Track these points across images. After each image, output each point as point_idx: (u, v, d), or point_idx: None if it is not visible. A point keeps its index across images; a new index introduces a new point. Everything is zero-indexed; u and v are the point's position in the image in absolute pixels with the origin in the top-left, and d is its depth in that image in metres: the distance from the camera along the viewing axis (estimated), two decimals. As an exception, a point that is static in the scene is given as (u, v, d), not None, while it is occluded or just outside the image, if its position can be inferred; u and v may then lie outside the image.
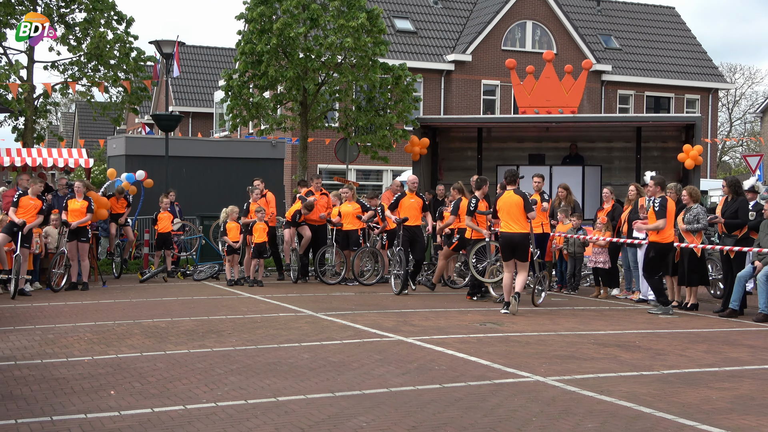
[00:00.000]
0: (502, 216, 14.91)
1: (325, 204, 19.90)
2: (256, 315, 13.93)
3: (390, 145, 24.19)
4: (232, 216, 19.15)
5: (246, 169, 26.53)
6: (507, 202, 14.87)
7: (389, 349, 10.83)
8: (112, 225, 20.52)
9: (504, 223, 14.88)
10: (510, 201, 14.86)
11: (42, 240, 17.98)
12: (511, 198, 14.85)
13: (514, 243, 14.77)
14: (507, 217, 14.84)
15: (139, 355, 10.27)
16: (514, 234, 14.76)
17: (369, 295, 17.18)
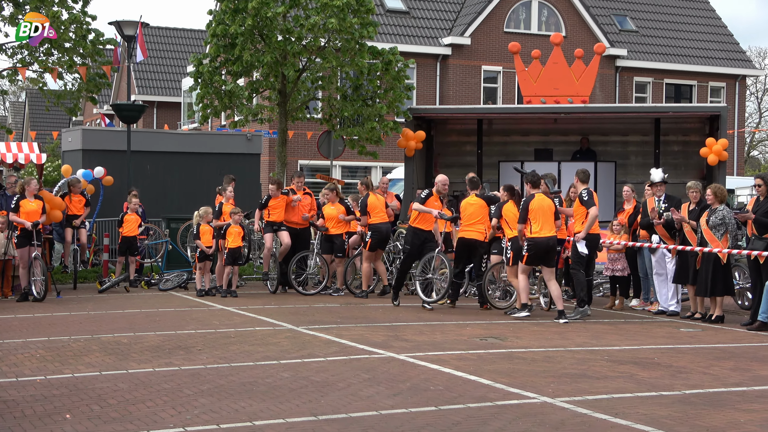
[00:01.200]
0: (535, 220, 15.63)
1: (309, 204, 19.89)
2: (229, 329, 13.91)
3: (379, 138, 24.19)
4: (206, 218, 19.14)
5: (218, 165, 26.51)
6: (541, 206, 15.68)
7: (379, 367, 10.83)
8: (67, 230, 20.46)
9: (537, 227, 15.57)
10: (544, 204, 15.74)
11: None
12: (544, 201, 15.78)
13: (548, 248, 15.71)
14: (542, 221, 15.59)
15: (98, 374, 10.25)
16: (549, 238, 15.66)
17: (356, 307, 17.18)
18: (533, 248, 15.66)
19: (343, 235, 19.30)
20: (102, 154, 25.23)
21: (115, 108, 24.47)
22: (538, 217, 15.66)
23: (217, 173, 25.68)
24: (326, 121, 25.00)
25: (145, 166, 25.94)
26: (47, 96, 27.18)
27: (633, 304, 18.13)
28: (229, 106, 24.10)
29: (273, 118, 25.73)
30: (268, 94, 24.83)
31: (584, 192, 16.38)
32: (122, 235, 20.40)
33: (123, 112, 23.73)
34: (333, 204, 19.47)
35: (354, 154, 27.88)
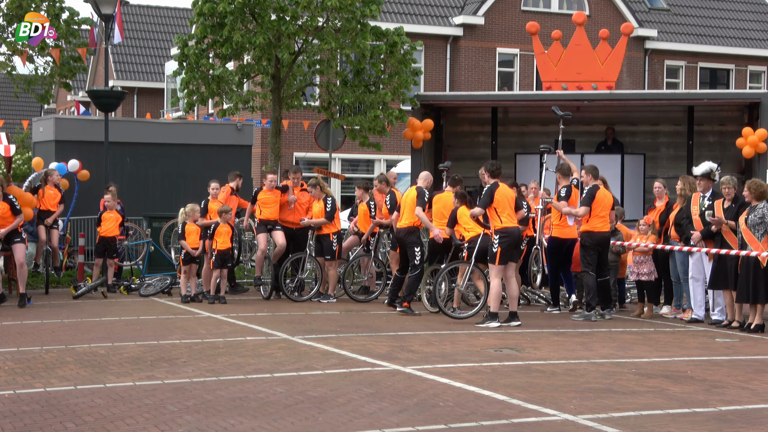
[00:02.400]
0: (501, 210, 16.02)
1: (306, 203, 19.89)
2: (217, 339, 13.92)
3: (383, 128, 24.20)
4: (192, 216, 19.15)
5: (205, 157, 26.54)
6: (505, 195, 16.16)
7: (383, 380, 10.84)
8: (40, 228, 20.46)
9: (506, 218, 16.06)
10: (507, 194, 16.27)
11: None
12: (507, 191, 16.40)
13: (519, 239, 16.59)
14: (508, 211, 16.16)
15: (73, 388, 10.26)
16: (519, 229, 16.40)
17: (357, 315, 17.19)
18: (506, 239, 15.92)
19: (330, 235, 19.25)
20: (77, 145, 25.25)
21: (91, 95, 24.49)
22: (504, 207, 16.05)
23: (205, 166, 25.71)
24: (325, 110, 25.00)
25: (124, 158, 25.98)
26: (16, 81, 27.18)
27: (664, 312, 18.13)
28: (217, 93, 24.11)
29: (266, 106, 25.74)
30: (261, 79, 24.83)
31: (586, 189, 17.08)
32: (100, 235, 20.41)
33: (100, 99, 23.75)
34: (318, 200, 19.44)
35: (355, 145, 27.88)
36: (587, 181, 17.21)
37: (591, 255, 17.03)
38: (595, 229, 17.01)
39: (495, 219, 16.07)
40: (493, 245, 16.01)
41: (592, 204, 16.94)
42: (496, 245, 15.94)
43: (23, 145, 53.77)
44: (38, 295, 19.70)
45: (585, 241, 17.08)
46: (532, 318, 17.29)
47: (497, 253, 15.90)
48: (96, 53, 50.84)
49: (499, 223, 16.01)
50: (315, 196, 19.50)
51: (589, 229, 17.04)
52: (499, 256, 15.91)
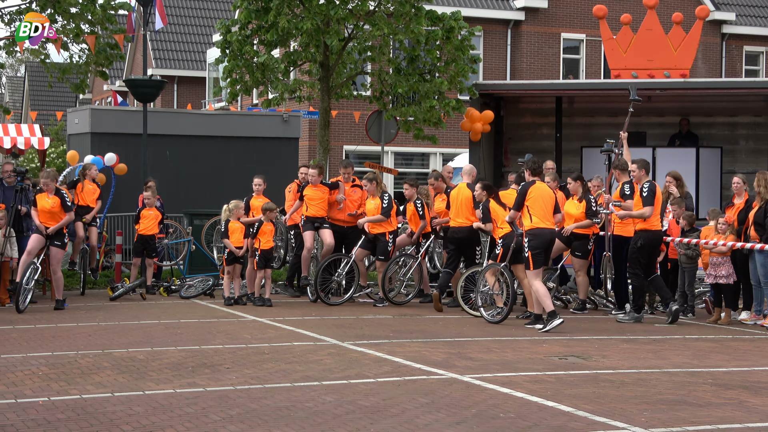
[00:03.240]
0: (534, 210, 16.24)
1: (358, 200, 19.90)
2: (262, 344, 13.98)
3: (439, 119, 24.17)
4: (236, 214, 19.22)
5: (249, 151, 26.64)
6: (541, 195, 16.32)
7: (439, 390, 10.83)
8: (78, 225, 20.64)
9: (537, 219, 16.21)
10: (544, 194, 16.42)
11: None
12: (545, 190, 16.52)
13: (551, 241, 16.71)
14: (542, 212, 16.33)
15: (110, 395, 10.35)
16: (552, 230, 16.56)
17: (411, 319, 17.19)
18: (535, 241, 16.03)
19: (386, 234, 19.18)
20: (114, 137, 25.46)
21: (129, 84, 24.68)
22: (538, 207, 16.20)
23: (249, 160, 25.80)
24: (376, 100, 25.01)
25: (164, 152, 26.15)
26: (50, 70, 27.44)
27: (742, 318, 17.95)
28: (262, 82, 24.19)
29: (313, 95, 25.79)
30: (308, 67, 24.89)
31: (645, 186, 16.98)
32: (138, 234, 20.55)
33: (138, 89, 23.92)
34: (373, 197, 19.34)
35: (409, 138, 27.86)
36: (639, 177, 17.25)
37: (645, 256, 17.13)
38: (653, 227, 17.11)
39: (525, 218, 16.23)
40: (524, 248, 16.17)
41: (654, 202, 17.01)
42: (526, 248, 16.08)
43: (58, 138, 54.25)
44: (74, 297, 19.89)
45: (642, 241, 17.11)
46: (600, 323, 17.21)
47: (529, 257, 16.01)
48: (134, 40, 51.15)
49: (529, 223, 16.15)
50: (370, 192, 19.35)
51: (646, 228, 17.10)
52: (531, 260, 16.00)
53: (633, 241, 17.23)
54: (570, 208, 18.29)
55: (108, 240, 23.08)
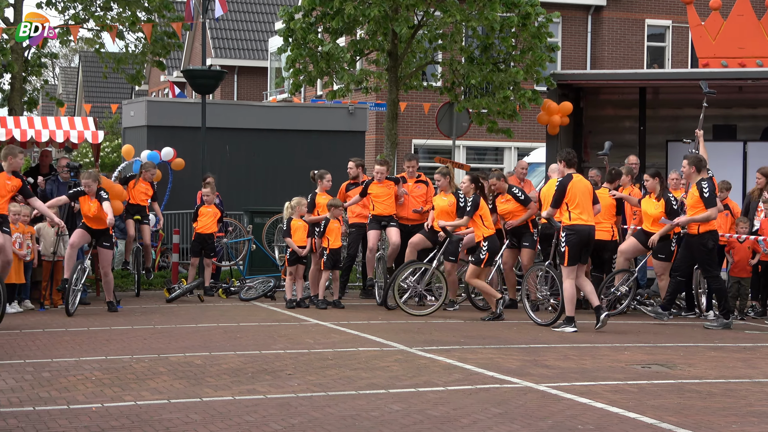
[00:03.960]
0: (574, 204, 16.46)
1: (423, 195, 19.88)
2: (326, 349, 14.02)
3: (514, 112, 24.10)
4: (299, 211, 19.26)
5: (313, 145, 26.71)
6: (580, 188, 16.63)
7: (513, 399, 10.81)
8: (129, 223, 20.82)
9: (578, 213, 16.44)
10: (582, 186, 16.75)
11: (33, 243, 18.37)
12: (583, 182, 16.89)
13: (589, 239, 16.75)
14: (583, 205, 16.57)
15: (166, 402, 10.43)
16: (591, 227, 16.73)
17: (484, 324, 17.15)
18: (574, 237, 16.29)
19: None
20: (171, 131, 25.63)
21: (187, 74, 24.81)
22: (577, 202, 16.40)
23: (312, 155, 25.86)
24: (447, 91, 24.98)
25: (223, 146, 26.30)
26: (105, 60, 27.75)
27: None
28: (326, 72, 24.27)
29: (381, 86, 25.82)
30: (375, 56, 24.93)
31: (704, 184, 16.90)
32: (196, 232, 20.66)
33: (197, 80, 24.07)
34: (445, 194, 19.06)
35: (482, 131, 27.81)
36: (690, 174, 17.23)
37: (716, 256, 17.22)
38: (714, 227, 17.16)
39: (564, 214, 16.41)
40: (560, 244, 16.40)
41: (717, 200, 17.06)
42: (563, 244, 16.30)
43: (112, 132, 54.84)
44: (128, 298, 20.06)
45: (712, 242, 17.10)
46: (685, 330, 17.07)
47: (565, 253, 16.26)
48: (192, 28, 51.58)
49: (568, 219, 16.36)
50: (442, 188, 19.08)
51: (710, 228, 17.07)
52: (567, 256, 16.25)
53: (700, 243, 17.04)
54: (648, 207, 18.10)
55: (164, 239, 23.25)
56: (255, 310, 18.75)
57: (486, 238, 17.45)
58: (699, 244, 16.99)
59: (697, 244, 17.04)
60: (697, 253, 17.07)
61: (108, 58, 27.64)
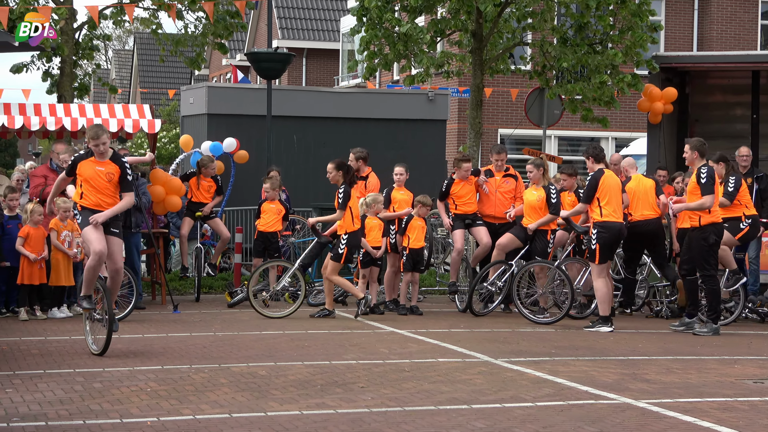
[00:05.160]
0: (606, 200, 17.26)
1: (511, 191, 19.80)
2: (402, 360, 14.04)
3: (612, 98, 23.96)
4: (373, 209, 19.29)
5: (389, 135, 26.73)
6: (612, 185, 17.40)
7: (609, 417, 10.76)
8: (186, 221, 20.94)
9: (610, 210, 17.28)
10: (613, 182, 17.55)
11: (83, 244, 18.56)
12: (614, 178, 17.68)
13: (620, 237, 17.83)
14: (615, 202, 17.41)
15: (227, 416, 10.51)
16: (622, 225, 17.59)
17: (576, 333, 17.10)
18: (606, 234, 17.20)
19: (548, 233, 18.91)
20: (233, 120, 25.77)
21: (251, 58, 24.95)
22: (609, 198, 17.27)
23: (388, 146, 25.86)
24: (538, 75, 24.91)
25: (290, 136, 26.41)
26: (162, 42, 27.95)
27: None
28: (404, 55, 24.29)
29: (464, 70, 25.80)
30: (458, 37, 24.91)
31: (703, 171, 16.95)
32: (258, 231, 20.74)
33: (262, 64, 24.18)
34: (536, 187, 18.97)
35: (576, 120, 27.68)
36: (692, 160, 17.28)
37: (716, 253, 17.20)
38: (719, 219, 17.23)
39: (595, 210, 17.19)
40: (591, 241, 17.32)
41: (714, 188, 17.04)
42: (594, 241, 17.09)
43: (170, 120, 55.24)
44: (187, 303, 20.21)
45: (715, 236, 17.04)
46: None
47: (597, 251, 17.07)
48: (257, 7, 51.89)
49: (599, 216, 17.17)
50: (534, 180, 18.98)
51: (714, 220, 17.07)
52: (599, 253, 17.05)
53: (700, 236, 17.01)
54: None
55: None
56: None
57: (348, 232, 18.08)
58: (699, 238, 17.02)
59: (697, 238, 17.09)
60: (696, 247, 17.06)
61: (165, 39, 27.84)
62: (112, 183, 14.27)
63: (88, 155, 14.34)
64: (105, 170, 14.25)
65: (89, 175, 14.24)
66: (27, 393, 11.55)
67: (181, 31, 27.80)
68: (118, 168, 14.32)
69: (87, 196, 14.28)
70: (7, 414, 10.48)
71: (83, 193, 14.31)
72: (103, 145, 14.22)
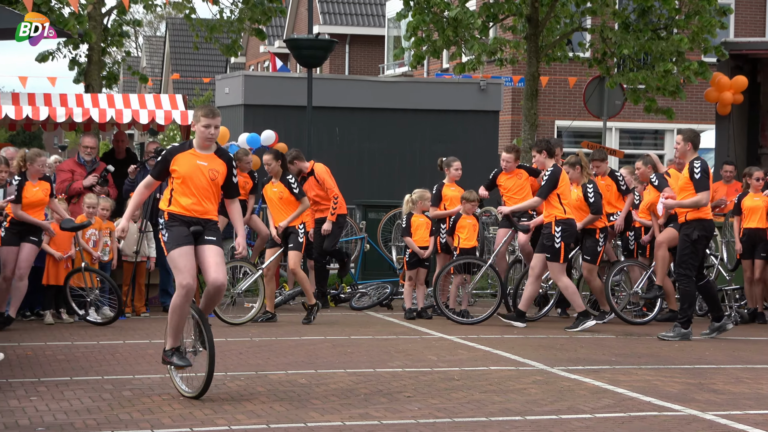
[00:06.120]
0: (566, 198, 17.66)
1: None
2: (452, 368, 14.04)
3: (677, 87, 23.90)
4: (420, 206, 19.29)
5: (438, 127, 26.73)
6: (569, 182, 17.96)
7: (673, 430, 10.74)
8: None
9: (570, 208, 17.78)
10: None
11: (113, 241, 18.65)
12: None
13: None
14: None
15: (265, 427, 10.54)
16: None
17: (639, 340, 17.05)
18: (569, 232, 17.60)
19: (597, 232, 18.77)
20: (271, 110, 25.84)
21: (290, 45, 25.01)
22: (566, 194, 17.73)
23: (437, 139, 25.88)
24: (597, 63, 24.87)
25: (332, 128, 26.46)
26: (196, 28, 28.07)
27: None
28: (454, 41, 24.30)
29: (518, 58, 25.77)
30: (512, 22, 24.89)
31: (697, 165, 16.89)
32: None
33: (302, 51, 24.23)
34: (576, 186, 18.87)
35: (639, 111, 27.59)
36: (684, 152, 17.26)
37: (701, 252, 17.24)
38: (708, 216, 17.17)
39: (557, 207, 17.46)
40: (555, 240, 17.55)
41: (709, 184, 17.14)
42: (559, 239, 17.53)
43: (204, 111, 55.26)
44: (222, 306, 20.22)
45: (699, 232, 16.94)
46: None
47: (561, 249, 17.54)
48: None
49: (562, 213, 17.58)
50: (573, 179, 19.00)
51: (701, 216, 16.98)
52: (563, 252, 17.59)
53: (684, 233, 16.99)
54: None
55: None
56: (368, 320, 18.86)
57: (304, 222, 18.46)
58: (683, 234, 17.01)
59: (681, 233, 17.10)
60: (679, 242, 17.12)
61: (200, 25, 27.97)
62: (215, 184, 11.91)
63: (185, 147, 12.02)
64: (208, 166, 11.88)
65: (188, 171, 11.81)
66: (52, 401, 11.63)
67: (216, 16, 27.91)
68: (225, 165, 12.04)
69: (178, 199, 11.86)
70: (31, 423, 10.55)
71: (173, 198, 11.89)
72: (216, 129, 11.95)
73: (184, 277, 11.56)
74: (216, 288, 11.74)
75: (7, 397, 11.78)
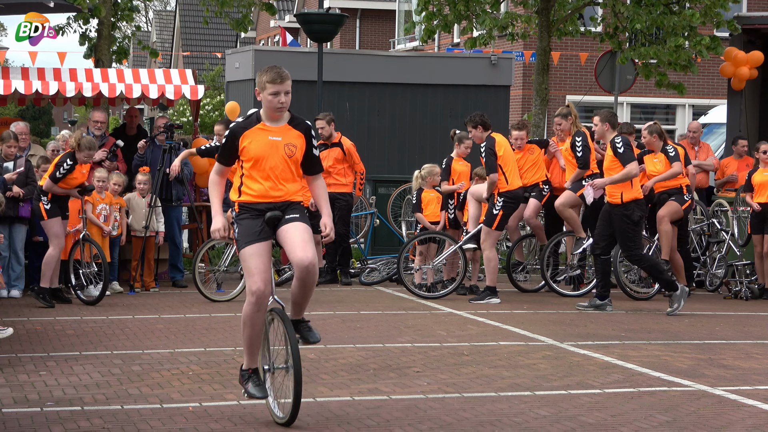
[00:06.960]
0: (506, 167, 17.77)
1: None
2: (461, 343, 14.07)
3: (689, 62, 23.83)
4: (430, 181, 19.29)
5: (448, 102, 26.69)
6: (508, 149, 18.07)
7: (683, 405, 10.75)
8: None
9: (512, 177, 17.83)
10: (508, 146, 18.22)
11: (122, 216, 18.68)
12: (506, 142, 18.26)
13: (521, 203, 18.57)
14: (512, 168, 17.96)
15: (274, 402, 10.57)
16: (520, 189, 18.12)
17: (649, 315, 17.06)
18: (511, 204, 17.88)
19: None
20: (282, 85, 25.76)
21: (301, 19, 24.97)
22: (509, 164, 17.85)
23: (447, 114, 25.83)
24: (609, 38, 24.82)
25: (342, 103, 26.44)
26: (206, 2, 28.04)
27: None
28: (465, 16, 24.25)
29: (530, 32, 25.72)
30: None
31: (618, 141, 16.94)
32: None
33: (312, 26, 24.20)
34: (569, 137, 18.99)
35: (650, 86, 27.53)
36: (602, 133, 17.45)
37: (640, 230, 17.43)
38: (641, 196, 17.24)
39: (500, 179, 17.62)
40: (494, 207, 17.76)
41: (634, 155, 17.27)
42: (499, 208, 17.71)
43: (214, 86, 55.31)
44: (232, 282, 20.24)
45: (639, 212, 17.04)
46: None
47: (498, 217, 17.71)
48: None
49: (505, 184, 17.73)
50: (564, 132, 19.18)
51: (636, 197, 17.03)
52: (498, 220, 17.75)
53: (623, 213, 16.92)
54: None
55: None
56: (378, 296, 18.88)
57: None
58: (622, 215, 16.92)
59: (619, 215, 16.96)
60: (619, 226, 16.97)
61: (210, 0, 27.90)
62: (293, 161, 10.09)
63: (252, 121, 10.25)
64: (283, 141, 10.07)
65: (260, 150, 10.02)
66: (62, 376, 11.68)
67: (227, -10, 27.84)
68: (303, 137, 10.20)
69: (251, 186, 10.07)
70: (41, 398, 10.60)
71: (243, 184, 10.10)
72: (286, 95, 10.09)
73: (254, 282, 9.82)
74: (305, 269, 10.04)
75: (16, 371, 11.85)
